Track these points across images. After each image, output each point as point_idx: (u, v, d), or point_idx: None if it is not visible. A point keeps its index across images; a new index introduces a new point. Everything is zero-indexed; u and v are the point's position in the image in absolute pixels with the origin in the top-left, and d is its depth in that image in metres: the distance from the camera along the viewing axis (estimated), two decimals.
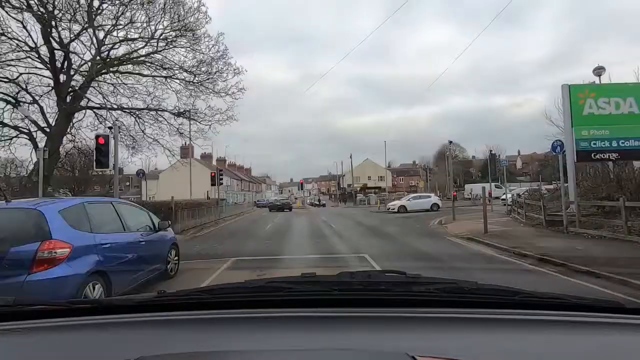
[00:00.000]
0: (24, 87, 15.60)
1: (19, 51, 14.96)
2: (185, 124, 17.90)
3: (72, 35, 15.29)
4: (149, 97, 16.77)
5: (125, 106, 16.74)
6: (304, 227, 18.94)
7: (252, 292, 1.21)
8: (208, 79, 17.23)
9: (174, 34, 16.19)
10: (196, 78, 17.09)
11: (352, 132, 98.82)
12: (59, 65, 15.64)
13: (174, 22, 15.97)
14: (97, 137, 11.22)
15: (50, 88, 15.88)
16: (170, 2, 15.69)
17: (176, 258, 6.91)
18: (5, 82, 15.25)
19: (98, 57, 15.76)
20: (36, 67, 15.62)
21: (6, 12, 13.95)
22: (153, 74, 16.87)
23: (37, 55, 15.21)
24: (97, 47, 15.77)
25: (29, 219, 4.00)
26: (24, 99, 15.79)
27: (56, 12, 14.70)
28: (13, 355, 0.93)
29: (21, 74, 15.29)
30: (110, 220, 5.01)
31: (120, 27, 15.78)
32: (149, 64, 16.65)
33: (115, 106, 16.48)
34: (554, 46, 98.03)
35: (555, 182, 19.97)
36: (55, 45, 15.26)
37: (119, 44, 16.42)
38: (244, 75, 17.51)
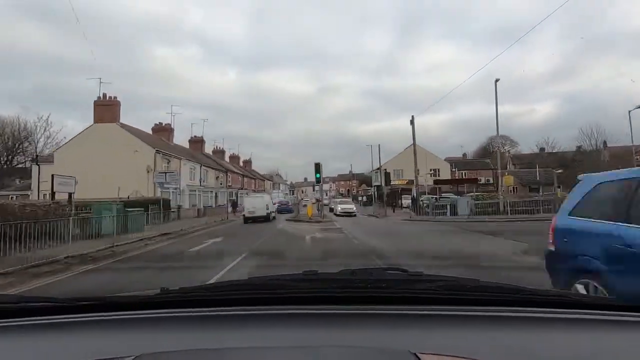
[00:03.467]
0: None
1: None
2: None
3: None
4: None
5: None
6: None
7: (255, 290, 1.21)
8: None
9: None
10: None
11: (366, 137, 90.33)
12: None
13: None
14: None
15: None
16: None
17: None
18: None
19: None
20: None
21: None
22: None
23: None
24: None
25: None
26: None
27: None
28: (18, 352, 0.92)
29: None
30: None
31: None
32: None
33: None
34: (557, 61, 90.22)
35: None
36: None
37: None
38: None
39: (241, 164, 66.17)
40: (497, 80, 21.49)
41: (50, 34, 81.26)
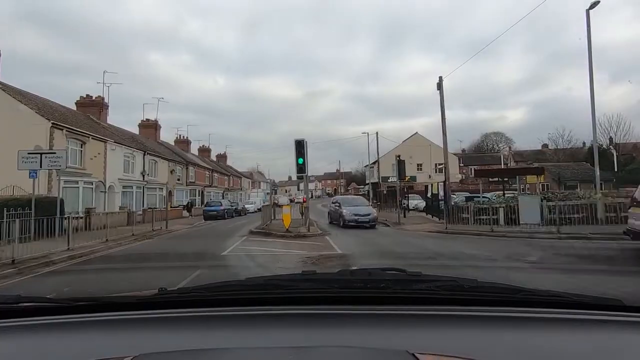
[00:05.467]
0: None
1: None
2: None
3: None
4: None
5: None
6: None
7: (253, 290, 1.20)
8: None
9: None
10: None
11: (352, 139, 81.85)
12: None
13: None
14: None
15: None
16: None
17: None
18: None
19: None
20: None
21: None
22: None
23: None
24: None
25: None
26: None
27: None
28: (17, 352, 0.90)
29: None
30: None
31: None
32: None
33: None
34: (525, 71, 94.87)
35: None
36: None
37: None
38: None
39: (214, 158, 56.77)
40: (592, 5, 13.10)
41: None
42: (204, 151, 52.55)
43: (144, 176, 26.72)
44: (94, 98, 26.83)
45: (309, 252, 9.68)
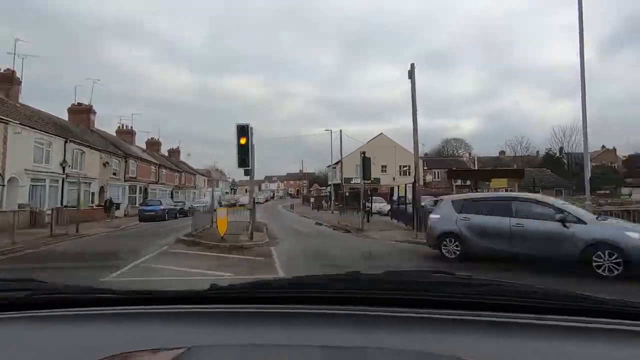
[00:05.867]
0: None
1: None
2: None
3: None
4: None
5: None
6: None
7: (299, 288, 1.20)
8: None
9: None
10: None
11: (315, 136, 78.86)
12: None
13: None
14: None
15: None
16: None
17: None
18: None
19: None
20: None
21: None
22: None
23: None
24: None
25: None
26: None
27: None
28: (88, 338, 0.94)
29: None
30: None
31: None
32: None
33: None
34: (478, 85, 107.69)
35: None
36: None
37: None
38: None
39: (165, 153, 51.99)
40: None
41: None
42: (153, 144, 47.73)
43: (64, 168, 22.40)
44: (2, 71, 22.17)
45: (235, 274, 6.76)
